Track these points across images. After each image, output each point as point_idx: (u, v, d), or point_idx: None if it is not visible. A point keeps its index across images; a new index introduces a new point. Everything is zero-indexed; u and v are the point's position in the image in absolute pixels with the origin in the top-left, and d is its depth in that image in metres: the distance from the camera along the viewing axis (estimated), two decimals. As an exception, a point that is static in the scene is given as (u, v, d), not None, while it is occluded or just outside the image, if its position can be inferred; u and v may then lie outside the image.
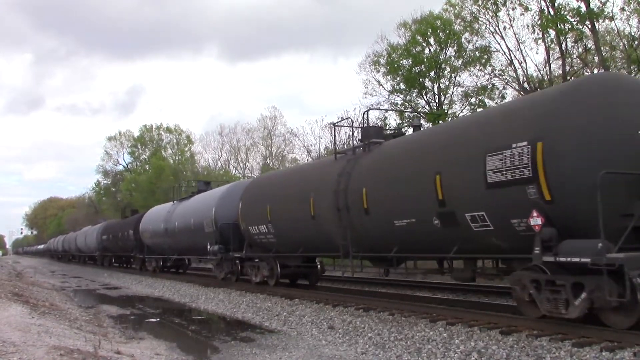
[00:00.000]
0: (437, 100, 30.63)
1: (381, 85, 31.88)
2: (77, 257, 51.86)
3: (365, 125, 13.96)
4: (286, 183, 15.44)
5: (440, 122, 12.62)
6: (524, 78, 26.66)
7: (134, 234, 28.83)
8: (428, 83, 30.48)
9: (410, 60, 29.84)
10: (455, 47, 29.58)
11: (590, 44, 23.72)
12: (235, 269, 18.39)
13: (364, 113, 16.02)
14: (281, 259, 15.99)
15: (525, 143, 7.83)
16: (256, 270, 17.04)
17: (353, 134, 31.92)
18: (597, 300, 7.34)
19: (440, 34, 29.43)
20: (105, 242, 36.47)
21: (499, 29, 26.59)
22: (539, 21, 23.79)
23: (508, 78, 28.08)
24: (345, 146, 31.10)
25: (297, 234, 14.40)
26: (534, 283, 8.16)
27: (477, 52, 28.83)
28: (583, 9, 22.05)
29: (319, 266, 16.68)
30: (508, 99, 27.89)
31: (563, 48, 24.48)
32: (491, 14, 26.37)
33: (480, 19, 27.09)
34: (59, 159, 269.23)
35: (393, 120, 32.19)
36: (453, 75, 30.29)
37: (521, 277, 8.41)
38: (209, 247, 18.57)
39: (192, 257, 24.56)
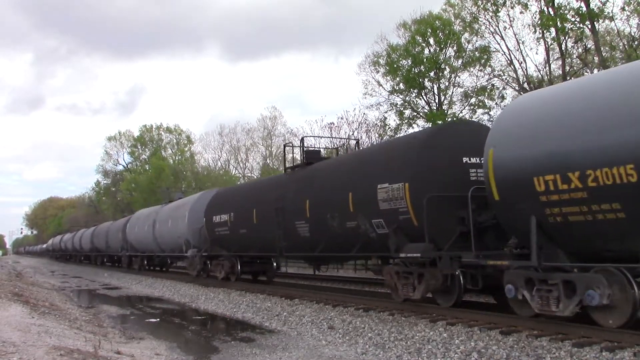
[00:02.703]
0: (436, 101, 30.64)
1: (381, 85, 31.93)
2: (126, 260, 32.21)
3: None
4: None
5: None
6: (524, 78, 26.68)
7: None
8: (428, 83, 30.50)
9: (409, 61, 29.86)
10: (454, 48, 29.60)
11: (590, 44, 23.74)
12: None
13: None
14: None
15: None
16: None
17: (353, 133, 32.12)
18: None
19: (440, 34, 29.44)
20: (223, 230, 18.15)
21: (498, 29, 26.65)
22: (539, 21, 23.81)
23: (508, 78, 28.10)
24: (345, 144, 31.17)
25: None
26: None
27: (476, 53, 28.86)
28: (583, 9, 22.08)
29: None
30: (508, 99, 27.91)
31: (563, 48, 24.50)
32: (491, 14, 26.40)
33: (479, 19, 27.12)
34: (59, 159, 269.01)
35: (393, 121, 32.24)
36: (453, 75, 30.32)
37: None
38: None
39: None
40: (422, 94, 30.82)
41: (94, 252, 42.33)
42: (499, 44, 27.34)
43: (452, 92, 30.66)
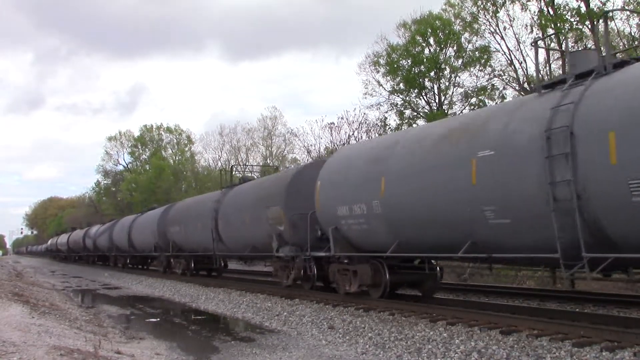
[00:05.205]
0: (437, 101, 30.64)
1: (381, 85, 31.92)
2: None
3: None
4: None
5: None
6: (524, 78, 26.67)
7: None
8: (428, 83, 30.50)
9: (410, 61, 29.86)
10: (455, 48, 29.61)
11: (590, 44, 23.72)
12: None
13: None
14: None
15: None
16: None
17: (353, 133, 32.11)
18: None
19: (440, 34, 29.44)
20: None
21: (498, 29, 26.63)
22: (539, 21, 23.81)
23: (508, 78, 28.10)
24: (345, 144, 31.19)
25: None
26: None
27: (476, 53, 28.86)
28: (583, 8, 22.09)
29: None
30: (508, 99, 27.90)
31: (563, 48, 24.47)
32: (491, 14, 26.40)
33: (479, 19, 27.12)
34: (59, 159, 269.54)
35: (393, 121, 32.24)
36: (453, 75, 30.32)
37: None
38: None
39: None
40: (423, 94, 30.83)
41: (160, 251, 26.04)
42: (499, 44, 27.37)
43: (452, 92, 30.69)
